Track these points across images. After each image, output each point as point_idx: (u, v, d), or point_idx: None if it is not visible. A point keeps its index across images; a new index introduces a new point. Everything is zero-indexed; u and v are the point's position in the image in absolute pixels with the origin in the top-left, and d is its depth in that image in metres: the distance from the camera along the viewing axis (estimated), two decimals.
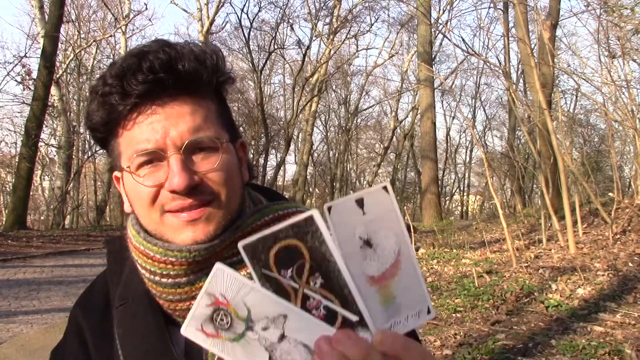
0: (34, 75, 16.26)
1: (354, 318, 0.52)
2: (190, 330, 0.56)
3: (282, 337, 0.54)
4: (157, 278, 0.82)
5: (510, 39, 13.22)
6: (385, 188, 0.56)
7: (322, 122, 33.30)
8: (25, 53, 17.51)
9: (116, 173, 0.89)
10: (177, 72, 0.80)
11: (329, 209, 0.53)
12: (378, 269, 0.55)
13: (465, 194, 37.07)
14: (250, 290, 0.54)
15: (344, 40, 26.20)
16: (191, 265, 0.80)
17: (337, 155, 30.98)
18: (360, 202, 0.55)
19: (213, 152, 0.82)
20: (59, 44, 17.97)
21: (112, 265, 0.97)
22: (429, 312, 0.57)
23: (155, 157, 0.80)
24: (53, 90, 17.72)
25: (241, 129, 22.48)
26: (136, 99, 0.79)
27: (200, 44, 0.85)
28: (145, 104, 0.80)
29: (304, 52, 23.05)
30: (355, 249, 0.54)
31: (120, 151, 0.84)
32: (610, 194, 8.65)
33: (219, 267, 0.55)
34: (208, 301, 0.55)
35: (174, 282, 0.82)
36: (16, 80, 17.84)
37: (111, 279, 0.96)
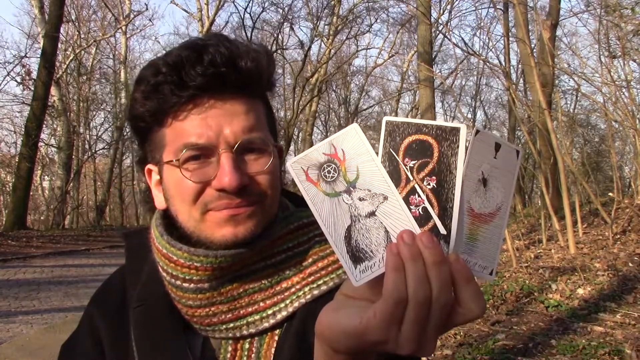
0: (34, 75, 16.26)
1: (442, 231, 0.54)
2: (296, 165, 0.58)
3: (372, 214, 0.55)
4: (178, 282, 0.81)
5: (510, 39, 13.22)
6: (517, 152, 0.60)
7: (322, 122, 33.32)
8: (26, 53, 17.53)
9: (150, 166, 0.86)
10: (238, 69, 0.78)
11: (477, 132, 0.55)
12: (479, 207, 0.57)
13: None
14: (369, 161, 0.56)
15: (344, 40, 26.22)
16: (215, 271, 0.79)
17: None
18: (498, 147, 0.58)
19: (263, 153, 0.80)
20: (59, 44, 17.97)
21: (130, 263, 0.95)
22: (491, 273, 0.58)
23: (204, 153, 0.78)
24: (53, 90, 17.72)
25: None
26: (194, 91, 0.77)
27: (254, 43, 0.84)
28: (202, 97, 0.78)
29: (304, 52, 23.06)
30: (473, 179, 0.56)
31: (166, 142, 0.80)
32: (610, 194, 8.65)
33: (355, 127, 0.58)
34: (327, 150, 0.58)
35: (196, 287, 0.80)
36: (16, 81, 17.85)
37: (129, 277, 0.93)
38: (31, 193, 17.57)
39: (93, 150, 23.36)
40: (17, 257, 9.90)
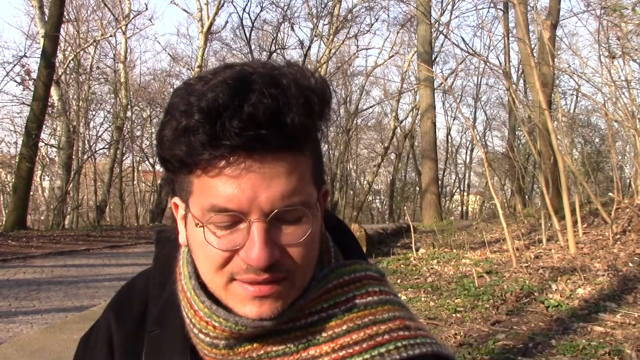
0: (34, 75, 16.25)
1: None
2: None
3: None
4: (195, 330, 0.75)
5: (510, 39, 13.23)
6: None
7: None
8: (25, 53, 17.52)
9: (177, 200, 0.77)
10: (282, 127, 0.65)
11: None
12: None
13: (465, 194, 37.08)
14: None
15: (344, 40, 26.24)
16: (234, 334, 0.72)
17: (337, 155, 31.00)
18: None
19: (301, 221, 0.70)
20: (59, 44, 17.96)
21: (157, 275, 0.88)
22: None
23: (233, 218, 0.68)
24: (53, 90, 17.72)
25: None
26: (228, 149, 0.65)
27: (305, 75, 0.70)
28: (238, 155, 0.66)
29: (304, 52, 23.08)
30: None
31: (193, 190, 0.70)
32: (610, 194, 8.65)
33: None
34: None
35: (211, 341, 0.74)
36: (15, 81, 17.86)
37: (153, 290, 0.87)
38: (31, 193, 17.57)
39: (93, 150, 23.35)
40: (17, 257, 9.88)
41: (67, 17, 19.89)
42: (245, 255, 0.67)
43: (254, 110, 0.64)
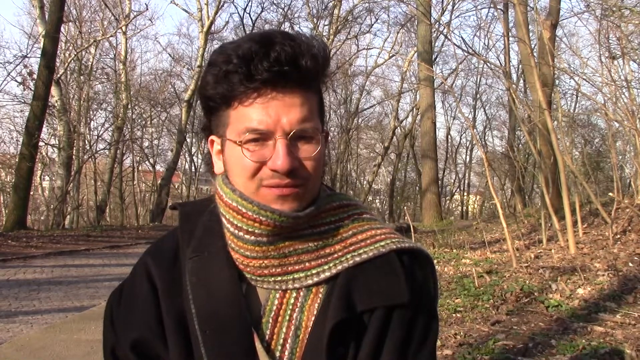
0: (35, 75, 16.22)
1: None
2: None
3: None
4: (241, 233, 0.93)
5: (510, 39, 13.22)
6: None
7: None
8: (27, 54, 17.46)
9: (214, 137, 0.99)
10: (299, 67, 0.89)
11: None
12: None
13: (465, 193, 37.05)
14: None
15: (344, 40, 26.22)
16: (276, 227, 0.92)
17: (337, 155, 30.97)
18: None
19: (312, 142, 0.92)
20: (60, 44, 17.93)
21: (184, 225, 1.06)
22: None
23: (263, 137, 0.90)
24: (53, 90, 17.70)
25: None
26: (259, 84, 0.88)
27: (312, 38, 0.93)
28: (266, 88, 0.89)
29: None
30: None
31: (230, 122, 0.93)
32: (610, 194, 8.64)
33: None
34: None
35: (255, 239, 0.93)
36: (17, 81, 17.81)
37: (182, 236, 1.04)
38: (31, 193, 17.55)
39: (93, 150, 23.33)
40: (17, 257, 9.86)
41: (67, 17, 19.83)
42: (272, 164, 0.89)
43: (278, 55, 0.87)
